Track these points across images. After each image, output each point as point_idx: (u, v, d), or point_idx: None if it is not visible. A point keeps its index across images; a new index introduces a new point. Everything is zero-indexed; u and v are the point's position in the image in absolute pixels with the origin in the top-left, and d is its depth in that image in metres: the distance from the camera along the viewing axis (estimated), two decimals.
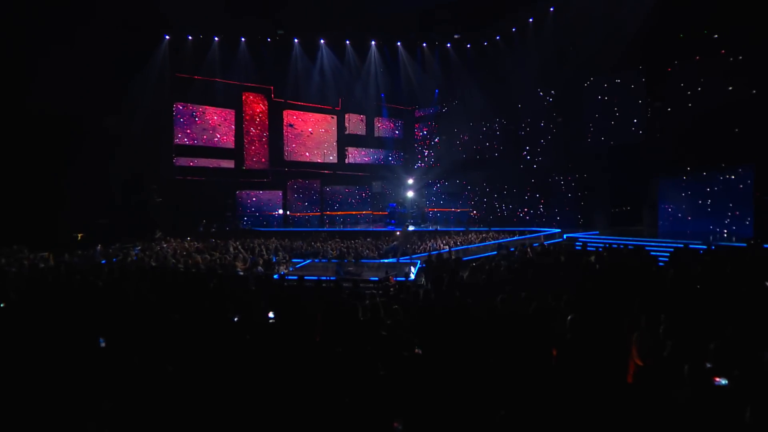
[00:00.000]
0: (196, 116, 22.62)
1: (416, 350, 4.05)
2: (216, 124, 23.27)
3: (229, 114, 23.70)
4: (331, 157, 27.08)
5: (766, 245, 10.93)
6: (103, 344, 4.03)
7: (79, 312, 5.23)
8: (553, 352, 4.39)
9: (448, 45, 22.99)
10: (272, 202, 25.16)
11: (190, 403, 3.00)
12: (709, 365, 3.30)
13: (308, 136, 26.08)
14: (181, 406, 2.95)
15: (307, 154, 26.15)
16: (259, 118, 24.59)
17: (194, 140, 22.55)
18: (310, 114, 26.16)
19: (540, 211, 22.45)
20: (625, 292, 6.25)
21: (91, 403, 3.08)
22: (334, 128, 27.12)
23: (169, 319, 4.76)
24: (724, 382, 3.03)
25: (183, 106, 22.24)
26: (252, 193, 24.68)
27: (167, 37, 20.38)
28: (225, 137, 23.56)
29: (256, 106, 24.50)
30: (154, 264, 10.75)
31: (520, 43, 21.07)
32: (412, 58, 23.45)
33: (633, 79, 18.30)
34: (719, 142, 15.03)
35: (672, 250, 11.15)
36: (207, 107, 22.91)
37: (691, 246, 11.61)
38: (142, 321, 4.90)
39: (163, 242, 16.59)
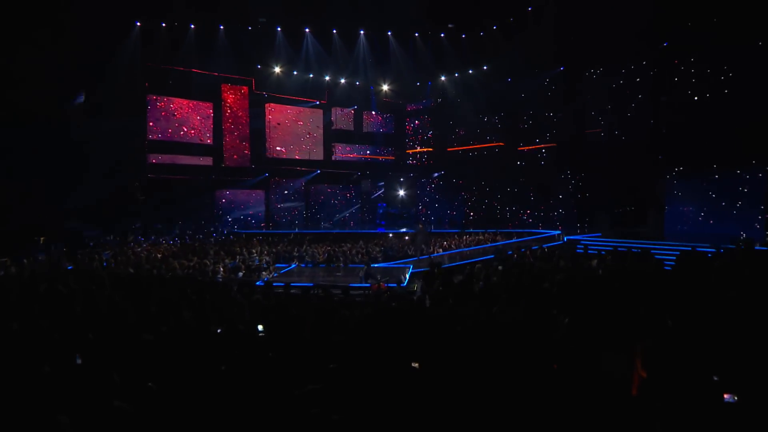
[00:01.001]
0: (170, 109, 22.45)
1: (413, 364, 4.11)
2: (192, 118, 23.11)
3: (207, 107, 23.56)
4: (315, 154, 27.04)
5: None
6: (79, 361, 4.02)
7: (50, 325, 5.20)
8: (554, 366, 4.48)
9: (442, 35, 23.08)
10: (254, 201, 25.10)
11: (176, 423, 3.03)
12: (716, 378, 3.39)
13: (290, 130, 25.99)
14: (167, 427, 2.98)
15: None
16: (238, 111, 24.45)
17: (169, 135, 22.37)
18: (295, 108, 26.12)
19: (542, 214, 22.63)
20: (630, 300, 6.37)
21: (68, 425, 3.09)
22: (320, 123, 27.09)
23: (148, 333, 4.76)
24: (734, 399, 3.09)
25: (156, 99, 22.06)
26: (232, 192, 24.58)
27: (138, 23, 20.14)
28: (202, 132, 23.41)
29: (236, 99, 24.38)
30: (132, 270, 10.67)
31: (518, 34, 21.20)
32: (403, 48, 23.50)
33: (639, 71, 18.52)
34: (736, 138, 14.52)
35: (678, 253, 11.33)
36: (182, 100, 22.76)
37: (698, 249, 11.82)
38: (119, 334, 4.90)
39: (136, 246, 16.46)
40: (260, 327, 5.11)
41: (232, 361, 4.16)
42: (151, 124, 21.82)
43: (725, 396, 3.15)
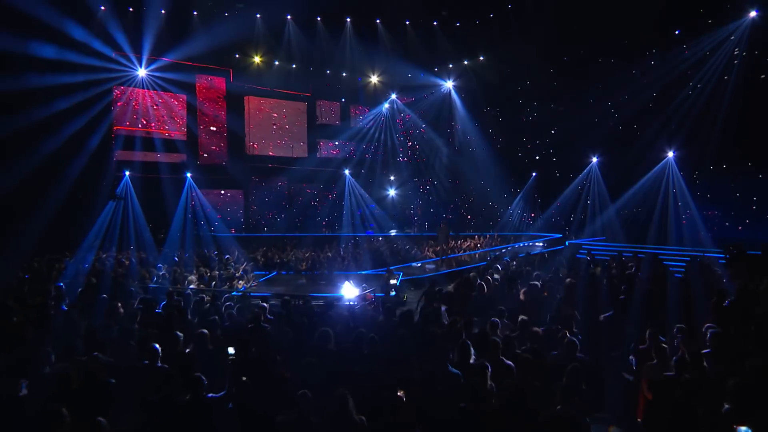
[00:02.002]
0: (139, 102, 22.16)
1: (399, 392, 4.03)
2: (163, 111, 22.83)
3: (180, 99, 23.31)
4: (298, 150, 26.83)
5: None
6: (24, 391, 3.89)
7: None
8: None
9: (435, 23, 23.00)
10: (231, 202, 24.89)
11: None
12: (727, 406, 3.35)
13: (270, 125, 25.77)
14: None
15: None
16: (214, 104, 24.19)
17: (138, 130, 22.07)
18: (276, 101, 25.90)
19: (545, 215, 22.62)
20: (635, 314, 6.37)
21: None
22: (304, 117, 26.88)
23: (107, 356, 4.64)
24: (746, 431, 3.02)
25: (123, 91, 21.76)
26: (208, 192, 24.30)
27: (103, 8, 19.81)
28: (174, 127, 23.14)
29: (213, 90, 24.14)
30: (94, 280, 10.46)
31: (517, 21, 21.10)
32: (393, 37, 23.38)
33: (650, 59, 18.44)
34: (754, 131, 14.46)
35: (688, 259, 11.37)
36: (153, 91, 22.47)
37: (707, 254, 11.88)
38: (71, 358, 4.77)
39: (101, 252, 16.20)
40: (231, 350, 4.97)
41: (198, 387, 4.05)
42: (116, 118, 21.50)
43: (737, 429, 3.10)
